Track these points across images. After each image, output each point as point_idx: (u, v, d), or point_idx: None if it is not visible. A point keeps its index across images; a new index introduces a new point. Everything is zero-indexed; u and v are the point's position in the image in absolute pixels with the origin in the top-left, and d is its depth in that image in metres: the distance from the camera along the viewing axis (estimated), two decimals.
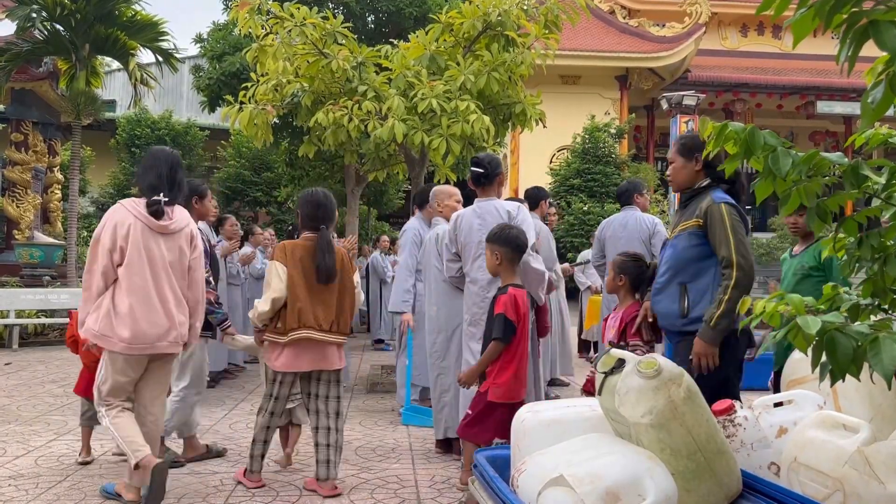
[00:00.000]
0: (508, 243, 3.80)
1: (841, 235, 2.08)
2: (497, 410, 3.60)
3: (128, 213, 3.63)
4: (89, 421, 4.46)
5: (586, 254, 10.00)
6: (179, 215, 3.80)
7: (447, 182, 7.50)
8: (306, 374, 4.03)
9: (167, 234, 3.70)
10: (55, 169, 14.71)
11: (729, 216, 3.24)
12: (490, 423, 3.63)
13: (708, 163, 3.38)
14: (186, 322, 3.80)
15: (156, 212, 3.65)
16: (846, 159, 1.85)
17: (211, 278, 4.51)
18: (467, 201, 4.67)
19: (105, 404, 3.68)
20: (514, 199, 5.77)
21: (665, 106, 18.19)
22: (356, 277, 4.14)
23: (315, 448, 4.00)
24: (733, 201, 3.33)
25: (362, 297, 3.75)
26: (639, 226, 5.97)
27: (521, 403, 3.28)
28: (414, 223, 5.87)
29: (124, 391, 3.69)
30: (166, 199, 3.70)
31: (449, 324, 4.69)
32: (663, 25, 21.53)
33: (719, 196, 3.33)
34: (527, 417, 2.81)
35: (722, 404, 3.00)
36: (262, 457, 4.08)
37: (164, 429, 4.16)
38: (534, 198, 6.35)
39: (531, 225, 4.22)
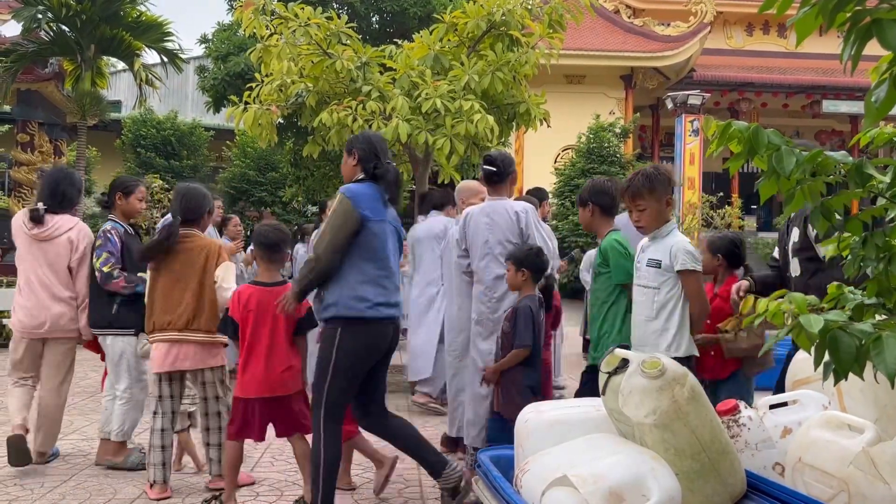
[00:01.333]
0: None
1: (845, 235, 2.07)
2: None
3: (17, 220, 4.44)
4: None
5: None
6: (61, 223, 4.41)
7: (451, 182, 7.50)
8: (184, 374, 4.01)
9: (43, 239, 4.37)
10: None
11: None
12: None
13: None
14: (67, 314, 4.38)
15: (33, 219, 4.35)
16: (850, 158, 1.84)
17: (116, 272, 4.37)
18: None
19: (9, 376, 4.49)
20: (532, 193, 5.76)
21: (670, 105, 18.16)
22: (219, 272, 3.91)
23: (205, 447, 4.04)
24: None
25: (227, 294, 3.75)
26: None
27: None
28: (443, 223, 5.96)
29: (19, 368, 4.43)
30: (45, 208, 4.38)
31: (469, 324, 4.65)
32: (668, 25, 21.46)
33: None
34: (530, 417, 2.81)
35: (726, 404, 3.00)
36: (164, 465, 3.88)
37: (122, 431, 4.29)
38: (537, 199, 6.33)
39: (536, 227, 4.21)
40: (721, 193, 16.75)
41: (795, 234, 3.41)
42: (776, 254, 3.81)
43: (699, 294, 3.17)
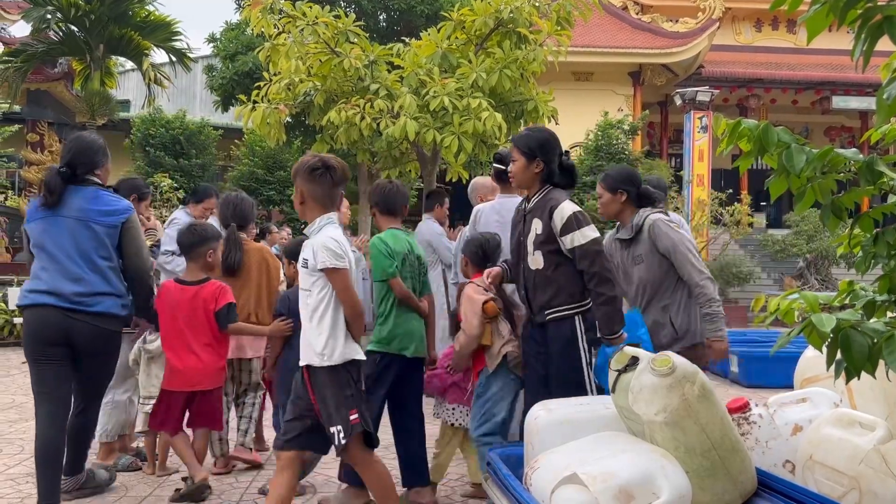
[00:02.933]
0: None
1: (857, 232, 2.06)
2: None
3: None
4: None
5: None
6: None
7: (459, 180, 7.51)
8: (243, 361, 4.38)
9: None
10: None
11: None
12: None
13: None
14: None
15: None
16: (861, 155, 1.84)
17: None
18: (454, 203, 4.67)
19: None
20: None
21: (679, 102, 18.09)
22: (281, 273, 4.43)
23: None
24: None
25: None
26: None
27: None
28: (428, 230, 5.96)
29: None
30: None
31: None
32: (676, 21, 21.38)
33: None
34: (540, 415, 2.81)
35: (737, 402, 3.00)
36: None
37: (105, 432, 4.23)
38: None
39: None
40: (730, 190, 16.67)
41: (538, 226, 3.25)
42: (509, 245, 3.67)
43: (346, 293, 2.89)
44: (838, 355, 1.65)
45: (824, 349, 1.70)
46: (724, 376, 8.04)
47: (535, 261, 3.28)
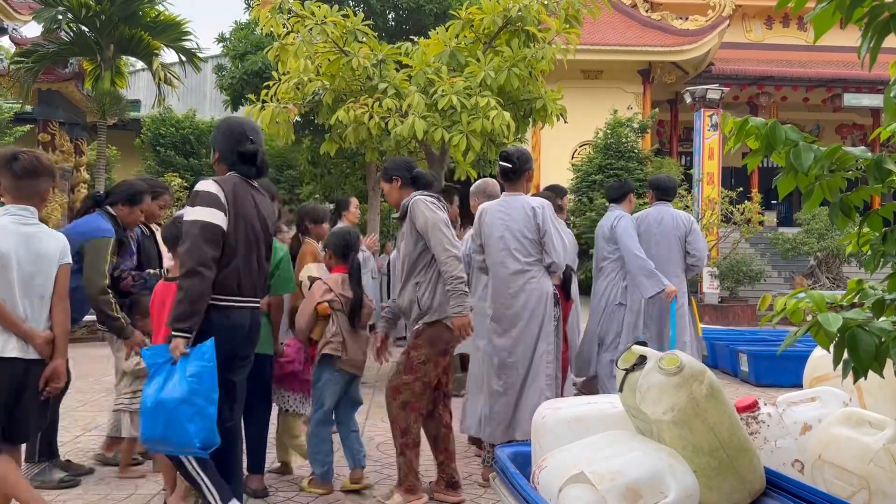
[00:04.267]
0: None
1: (865, 230, 2.05)
2: None
3: None
4: None
5: None
6: None
7: (467, 179, 7.49)
8: None
9: None
10: (81, 168, 14.91)
11: None
12: None
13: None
14: None
15: None
16: (869, 153, 1.83)
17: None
18: (464, 202, 4.67)
19: None
20: (550, 189, 5.72)
21: (689, 100, 18.00)
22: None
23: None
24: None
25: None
26: (675, 223, 5.65)
27: None
28: None
29: None
30: None
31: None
32: (686, 18, 21.30)
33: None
34: (547, 414, 2.81)
35: (745, 401, 2.99)
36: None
37: (115, 427, 4.30)
38: (555, 195, 6.30)
39: (552, 223, 4.19)
40: (741, 188, 16.56)
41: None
42: None
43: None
44: (845, 355, 1.65)
45: (831, 348, 1.69)
46: (733, 375, 8.01)
47: None
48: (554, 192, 5.87)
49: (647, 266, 5.33)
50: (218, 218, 2.98)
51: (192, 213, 2.99)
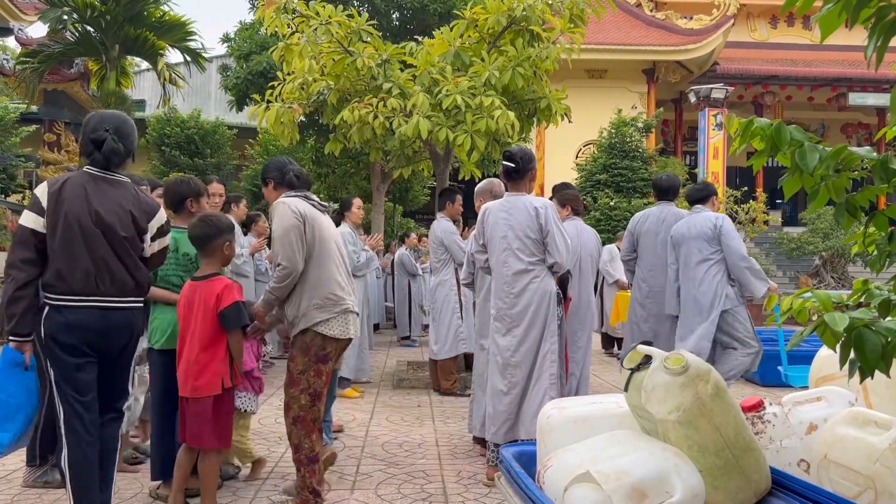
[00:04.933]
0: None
1: (871, 230, 2.05)
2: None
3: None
4: None
5: (611, 247, 9.95)
6: None
7: (472, 178, 7.50)
8: None
9: None
10: None
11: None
12: None
13: None
14: None
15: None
16: (875, 153, 1.82)
17: None
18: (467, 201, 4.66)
19: None
20: (559, 189, 5.70)
21: (693, 99, 18.00)
22: None
23: None
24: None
25: None
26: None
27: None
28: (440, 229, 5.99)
29: None
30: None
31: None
32: (691, 18, 21.25)
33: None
34: (553, 414, 2.81)
35: (751, 401, 2.98)
36: None
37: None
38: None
39: (555, 223, 4.18)
40: (745, 188, 16.57)
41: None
42: None
43: None
44: (852, 354, 1.65)
45: (838, 348, 1.69)
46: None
47: None
48: (573, 196, 5.73)
49: (755, 266, 5.33)
50: (29, 220, 2.98)
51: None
